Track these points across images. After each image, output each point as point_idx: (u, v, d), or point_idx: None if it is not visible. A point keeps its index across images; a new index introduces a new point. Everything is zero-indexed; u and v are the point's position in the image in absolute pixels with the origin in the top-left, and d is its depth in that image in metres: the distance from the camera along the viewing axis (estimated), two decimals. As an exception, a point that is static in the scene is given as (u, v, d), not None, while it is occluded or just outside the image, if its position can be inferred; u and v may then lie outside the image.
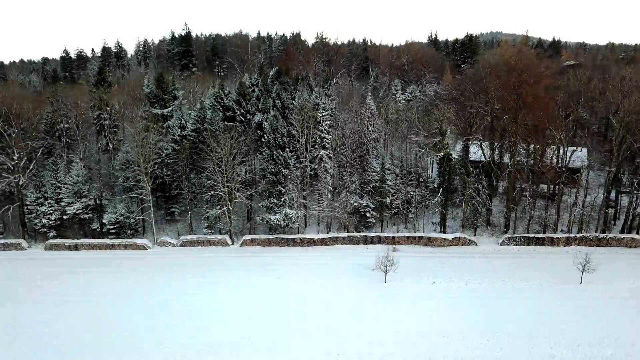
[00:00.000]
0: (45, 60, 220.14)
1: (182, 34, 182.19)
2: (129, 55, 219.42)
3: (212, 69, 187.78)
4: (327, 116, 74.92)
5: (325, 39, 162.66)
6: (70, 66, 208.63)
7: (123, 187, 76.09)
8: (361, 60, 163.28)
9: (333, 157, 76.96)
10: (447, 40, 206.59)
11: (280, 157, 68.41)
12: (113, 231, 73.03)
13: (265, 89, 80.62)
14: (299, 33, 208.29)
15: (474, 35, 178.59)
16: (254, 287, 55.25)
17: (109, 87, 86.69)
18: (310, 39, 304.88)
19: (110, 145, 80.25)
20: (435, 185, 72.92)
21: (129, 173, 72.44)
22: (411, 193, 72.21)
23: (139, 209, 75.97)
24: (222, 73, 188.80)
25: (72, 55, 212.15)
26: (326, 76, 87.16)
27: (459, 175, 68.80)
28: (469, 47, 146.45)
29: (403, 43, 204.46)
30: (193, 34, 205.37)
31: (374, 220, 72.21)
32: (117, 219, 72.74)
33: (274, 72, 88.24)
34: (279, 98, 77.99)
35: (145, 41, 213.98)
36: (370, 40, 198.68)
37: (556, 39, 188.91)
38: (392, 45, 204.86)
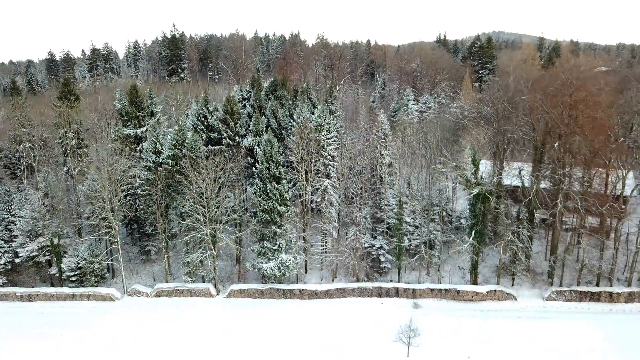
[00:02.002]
0: (29, 63, 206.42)
1: (171, 36, 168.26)
2: (120, 57, 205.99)
3: (205, 72, 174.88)
4: (333, 139, 62.29)
5: (326, 39, 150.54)
6: (56, 69, 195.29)
7: (88, 224, 63.54)
8: (366, 64, 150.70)
9: (339, 187, 64.29)
10: (456, 41, 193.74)
11: (275, 192, 55.76)
12: (74, 278, 60.50)
13: (258, 105, 67.92)
14: (298, 34, 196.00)
15: (487, 34, 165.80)
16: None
17: (77, 100, 73.70)
18: (310, 39, 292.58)
19: (75, 171, 67.62)
20: (463, 222, 60.32)
21: (94, 208, 59.81)
22: (434, 233, 59.53)
23: (108, 250, 63.36)
24: (217, 76, 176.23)
25: (58, 57, 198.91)
26: (330, 88, 74.05)
27: (494, 215, 56.19)
28: (487, 50, 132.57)
29: (406, 44, 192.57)
30: (187, 34, 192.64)
31: (389, 265, 59.64)
32: (79, 263, 60.18)
33: (269, 84, 75.30)
34: (274, 116, 65.28)
35: (136, 42, 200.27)
36: (376, 42, 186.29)
37: (563, 40, 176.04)
38: (398, 46, 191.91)
